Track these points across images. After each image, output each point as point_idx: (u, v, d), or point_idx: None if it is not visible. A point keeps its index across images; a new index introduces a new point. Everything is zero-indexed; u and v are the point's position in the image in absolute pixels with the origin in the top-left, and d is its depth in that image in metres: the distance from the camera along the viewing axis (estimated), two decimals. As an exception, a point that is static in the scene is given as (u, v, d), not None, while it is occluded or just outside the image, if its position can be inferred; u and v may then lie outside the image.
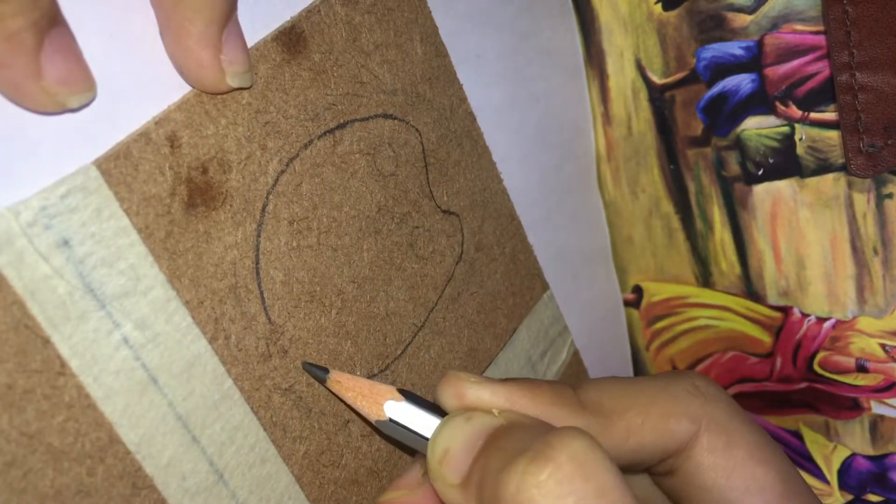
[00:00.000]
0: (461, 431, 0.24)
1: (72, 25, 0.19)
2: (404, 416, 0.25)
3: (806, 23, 0.33)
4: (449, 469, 0.24)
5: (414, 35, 0.29)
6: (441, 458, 0.24)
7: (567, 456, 0.21)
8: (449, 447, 0.24)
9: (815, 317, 0.38)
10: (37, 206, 0.19)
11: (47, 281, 0.19)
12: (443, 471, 0.24)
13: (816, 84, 0.34)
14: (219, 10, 0.20)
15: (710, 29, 0.35)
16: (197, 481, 0.22)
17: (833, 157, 0.34)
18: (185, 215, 0.22)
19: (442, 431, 0.24)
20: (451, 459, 0.24)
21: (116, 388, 0.21)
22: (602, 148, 0.40)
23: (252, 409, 0.24)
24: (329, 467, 0.26)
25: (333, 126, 0.26)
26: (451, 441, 0.24)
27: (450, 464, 0.24)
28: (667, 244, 0.41)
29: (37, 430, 0.19)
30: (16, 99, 0.18)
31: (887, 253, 0.35)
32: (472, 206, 0.32)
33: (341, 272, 0.27)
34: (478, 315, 0.32)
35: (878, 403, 0.38)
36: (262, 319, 0.24)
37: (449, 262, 0.31)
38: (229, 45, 0.21)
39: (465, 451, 0.23)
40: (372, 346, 0.28)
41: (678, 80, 0.37)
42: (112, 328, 0.20)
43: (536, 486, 0.20)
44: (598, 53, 0.38)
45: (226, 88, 0.22)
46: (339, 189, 0.26)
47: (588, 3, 0.37)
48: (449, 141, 0.31)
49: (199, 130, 0.22)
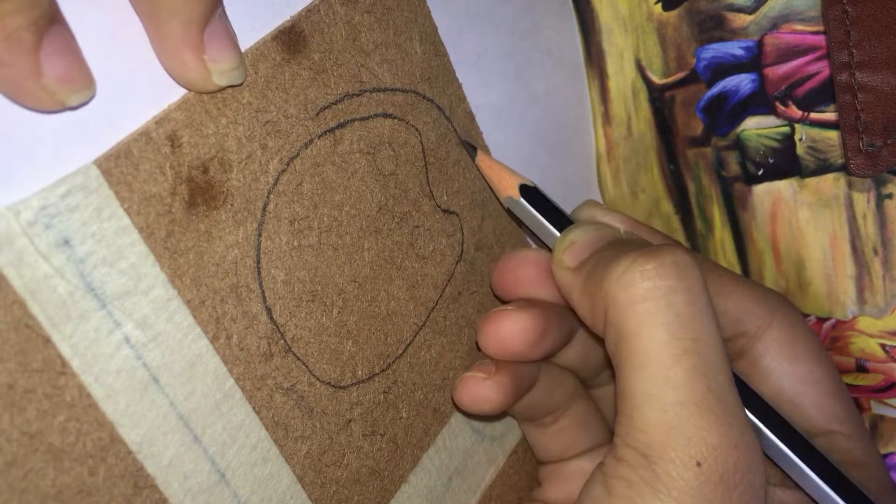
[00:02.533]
0: (589, 231, 0.28)
1: (71, 25, 0.19)
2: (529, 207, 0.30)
3: (806, 23, 0.33)
4: (570, 255, 0.28)
5: (413, 34, 0.29)
6: (566, 246, 0.28)
7: (671, 259, 0.25)
8: (575, 240, 0.28)
9: (815, 317, 0.38)
10: (37, 205, 0.19)
11: (48, 280, 0.19)
12: (564, 256, 0.28)
13: (816, 84, 0.34)
14: (196, 11, 0.20)
15: (710, 29, 0.35)
16: (199, 481, 0.22)
17: (833, 157, 0.35)
18: (185, 215, 0.22)
19: (572, 229, 0.29)
20: (575, 248, 0.28)
21: (118, 387, 0.21)
22: (602, 148, 0.40)
23: (254, 408, 0.24)
24: (331, 467, 0.26)
25: (333, 125, 0.26)
26: (578, 236, 0.28)
27: (572, 251, 0.28)
28: (667, 244, 0.41)
29: (38, 429, 0.19)
30: (15, 98, 0.18)
31: (887, 253, 0.35)
32: (472, 206, 0.32)
33: (342, 271, 0.27)
34: (478, 314, 0.32)
35: (878, 403, 0.38)
36: (263, 319, 0.24)
37: (449, 261, 0.31)
38: (212, 45, 0.21)
39: (588, 246, 0.28)
40: (373, 345, 0.28)
41: (678, 81, 0.37)
42: (113, 328, 0.20)
43: (641, 271, 0.24)
44: (598, 53, 0.38)
45: (214, 88, 0.22)
46: (340, 188, 0.26)
47: (588, 3, 0.38)
48: (448, 140, 0.31)
49: (200, 130, 0.22)
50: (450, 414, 0.31)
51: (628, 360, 0.24)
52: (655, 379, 0.24)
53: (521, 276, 0.31)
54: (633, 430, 0.24)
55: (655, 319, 0.24)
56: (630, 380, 0.24)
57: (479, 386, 0.29)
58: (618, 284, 0.25)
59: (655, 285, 0.24)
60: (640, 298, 0.24)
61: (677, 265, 0.25)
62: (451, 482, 0.31)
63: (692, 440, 0.23)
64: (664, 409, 0.23)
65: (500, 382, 0.29)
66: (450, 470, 0.31)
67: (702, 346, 0.24)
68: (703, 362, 0.24)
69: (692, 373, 0.24)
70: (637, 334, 0.24)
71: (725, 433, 0.23)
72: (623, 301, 0.25)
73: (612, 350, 0.25)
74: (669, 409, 0.23)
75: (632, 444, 0.24)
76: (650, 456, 0.23)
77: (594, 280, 0.26)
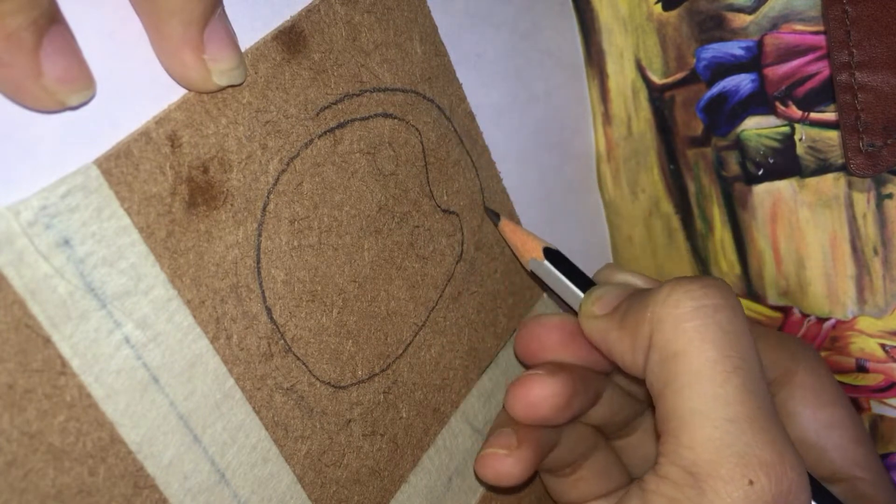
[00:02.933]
0: (614, 287, 0.29)
1: (71, 25, 0.19)
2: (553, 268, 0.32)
3: (806, 23, 0.33)
4: (600, 305, 0.28)
5: (413, 34, 0.29)
6: (594, 300, 0.29)
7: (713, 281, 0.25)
8: (602, 295, 0.29)
9: (815, 317, 0.38)
10: (37, 205, 0.19)
11: (48, 280, 0.19)
12: (594, 308, 0.29)
13: (816, 84, 0.34)
14: (197, 11, 0.20)
15: (710, 29, 0.35)
16: (199, 481, 0.22)
17: (833, 157, 0.34)
18: (186, 214, 0.22)
19: (597, 287, 0.30)
20: (604, 300, 0.29)
21: (118, 387, 0.21)
22: (602, 148, 0.40)
23: (254, 408, 0.24)
24: (331, 467, 0.26)
25: (334, 125, 0.26)
26: (605, 291, 0.29)
27: (602, 302, 0.29)
28: (667, 244, 0.41)
29: (38, 429, 0.19)
30: (15, 98, 0.18)
31: (887, 253, 0.35)
32: (472, 206, 0.32)
33: (342, 271, 0.27)
34: (478, 314, 0.32)
35: (878, 403, 0.38)
36: (263, 319, 0.24)
37: (449, 261, 0.31)
38: (212, 44, 0.21)
39: (617, 296, 0.28)
40: (373, 345, 0.28)
41: (678, 80, 0.37)
42: (113, 328, 0.20)
43: (685, 291, 0.25)
44: (598, 53, 0.38)
45: (214, 87, 0.22)
46: (340, 188, 0.26)
47: (588, 3, 0.37)
48: (449, 140, 0.31)
49: (200, 130, 0.22)
50: (450, 414, 0.31)
51: (676, 378, 0.24)
52: (705, 396, 0.24)
53: (546, 342, 0.31)
54: (680, 447, 0.24)
55: (704, 337, 0.24)
56: (678, 398, 0.24)
57: (500, 462, 0.29)
58: (664, 306, 0.25)
59: (702, 304, 0.25)
60: (688, 317, 0.24)
61: (719, 286, 0.25)
62: (451, 482, 0.31)
63: (744, 458, 0.23)
64: (714, 425, 0.23)
65: (522, 457, 0.29)
66: (450, 470, 0.31)
67: (749, 365, 0.24)
68: (751, 381, 0.24)
69: (743, 390, 0.23)
70: (685, 352, 0.24)
71: (780, 453, 0.23)
72: (670, 320, 0.25)
73: (656, 374, 0.25)
74: (720, 426, 0.23)
75: (677, 461, 0.24)
76: (697, 474, 0.23)
77: (633, 312, 0.26)
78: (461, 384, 0.32)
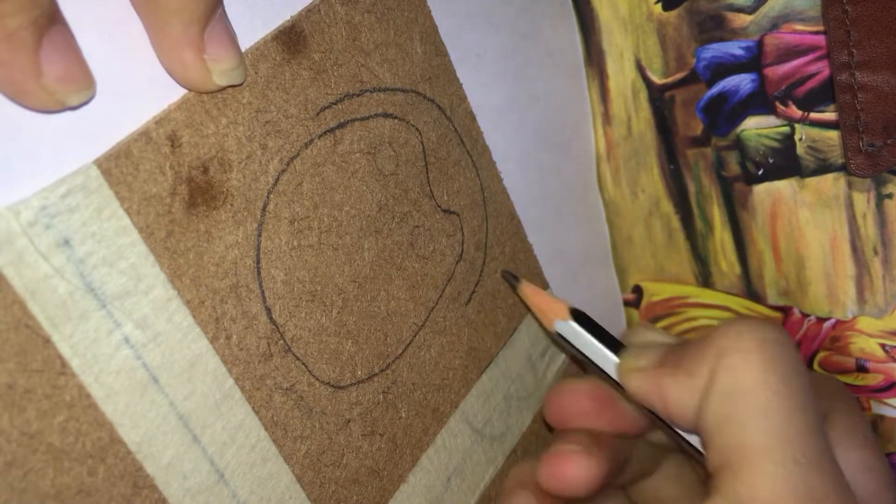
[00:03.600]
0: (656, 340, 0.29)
1: (72, 25, 0.19)
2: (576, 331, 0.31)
3: (806, 23, 0.33)
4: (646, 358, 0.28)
5: (414, 34, 0.29)
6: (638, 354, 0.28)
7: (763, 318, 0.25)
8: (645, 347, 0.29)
9: (815, 317, 0.38)
10: (37, 205, 0.19)
11: (48, 280, 0.19)
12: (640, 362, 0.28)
13: (816, 84, 0.34)
14: (198, 11, 0.20)
15: (710, 29, 0.35)
16: (198, 481, 0.22)
17: (833, 157, 0.34)
18: (185, 215, 0.22)
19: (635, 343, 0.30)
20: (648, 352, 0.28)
21: (117, 387, 0.21)
22: (602, 148, 0.40)
23: (253, 408, 0.24)
24: (330, 467, 0.26)
25: (334, 125, 0.26)
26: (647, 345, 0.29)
27: (647, 354, 0.28)
28: (667, 244, 0.41)
29: (37, 429, 0.19)
30: (15, 97, 0.18)
31: (887, 253, 0.35)
32: (472, 206, 0.32)
33: (342, 271, 0.27)
34: (478, 314, 0.32)
35: (878, 403, 0.38)
36: (263, 319, 0.24)
37: (449, 261, 0.31)
38: (213, 44, 0.21)
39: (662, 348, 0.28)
40: (373, 345, 0.28)
41: (678, 80, 0.37)
42: (113, 328, 0.20)
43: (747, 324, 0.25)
44: (598, 53, 0.38)
45: (214, 87, 0.22)
46: (340, 188, 0.26)
47: (588, 3, 0.37)
48: (449, 140, 0.31)
49: (200, 130, 0.22)
50: (449, 414, 0.31)
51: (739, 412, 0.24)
52: (770, 432, 0.23)
53: (577, 409, 0.31)
54: (738, 483, 0.23)
55: (772, 370, 0.24)
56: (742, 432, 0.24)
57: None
58: (729, 339, 0.25)
59: (767, 338, 0.25)
60: (755, 349, 0.24)
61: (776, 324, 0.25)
62: (450, 482, 0.31)
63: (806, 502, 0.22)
64: (778, 464, 0.23)
65: None
66: (449, 470, 0.31)
67: (811, 404, 0.24)
68: (815, 420, 0.24)
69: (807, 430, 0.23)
70: (752, 386, 0.24)
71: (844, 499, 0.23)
72: (738, 353, 0.25)
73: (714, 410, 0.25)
74: (784, 466, 0.23)
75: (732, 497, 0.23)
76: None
77: (693, 352, 0.26)
78: (461, 384, 0.32)
